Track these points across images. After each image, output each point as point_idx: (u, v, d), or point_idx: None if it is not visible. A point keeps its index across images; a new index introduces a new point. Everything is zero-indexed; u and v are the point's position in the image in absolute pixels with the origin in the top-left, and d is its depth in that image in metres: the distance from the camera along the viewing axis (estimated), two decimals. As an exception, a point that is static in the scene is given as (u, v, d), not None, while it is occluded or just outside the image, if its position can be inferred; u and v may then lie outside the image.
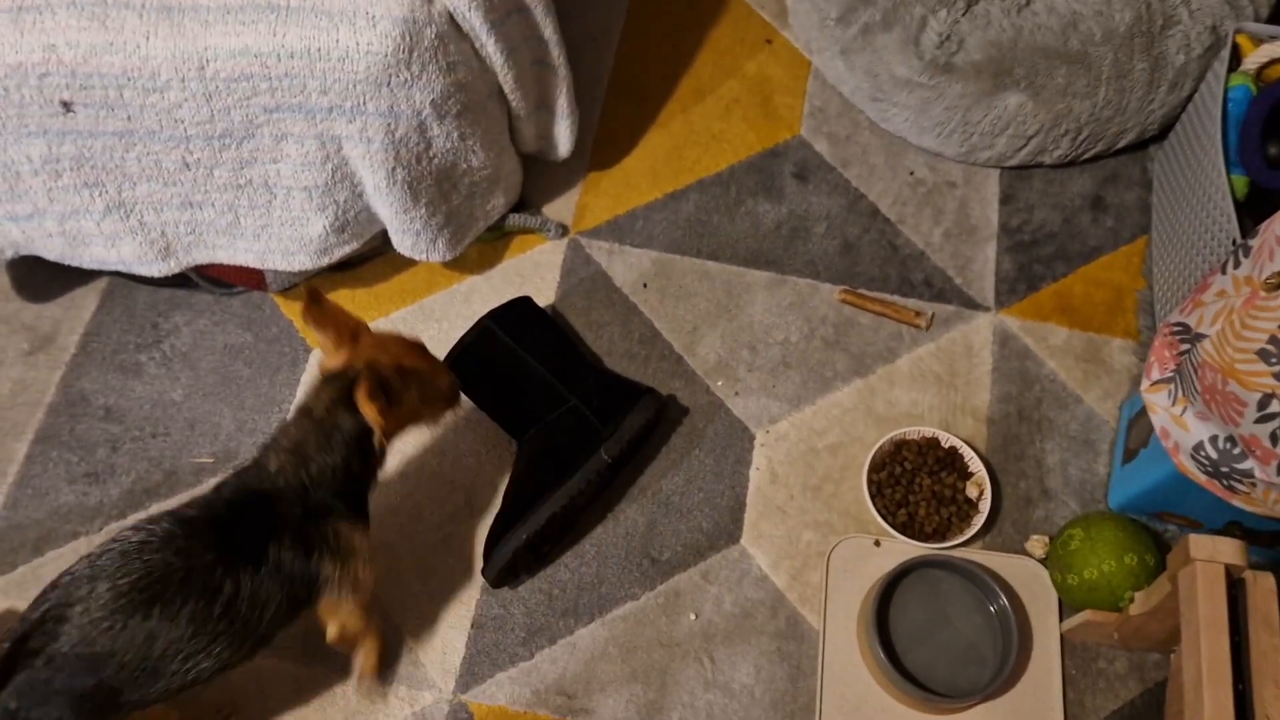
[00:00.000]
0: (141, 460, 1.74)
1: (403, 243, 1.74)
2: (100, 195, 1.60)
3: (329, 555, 1.30)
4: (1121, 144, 1.99)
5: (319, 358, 1.41)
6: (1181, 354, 1.43)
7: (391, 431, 1.36)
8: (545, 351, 1.71)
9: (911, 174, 2.06)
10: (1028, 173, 2.05)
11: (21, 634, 1.18)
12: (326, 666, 1.59)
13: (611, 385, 1.70)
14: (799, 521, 1.72)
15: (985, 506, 1.69)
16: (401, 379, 1.31)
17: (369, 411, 1.24)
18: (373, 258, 1.91)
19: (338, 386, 1.29)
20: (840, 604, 1.65)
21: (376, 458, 1.36)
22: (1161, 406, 1.46)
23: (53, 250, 1.70)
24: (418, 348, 1.41)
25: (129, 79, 1.44)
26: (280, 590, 1.27)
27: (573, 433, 1.64)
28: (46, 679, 1.16)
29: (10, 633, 1.19)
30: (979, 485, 1.71)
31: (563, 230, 1.97)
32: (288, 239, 1.69)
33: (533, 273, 1.93)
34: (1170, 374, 1.45)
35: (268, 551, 1.26)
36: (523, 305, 1.76)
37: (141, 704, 1.22)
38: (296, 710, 1.56)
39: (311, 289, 1.33)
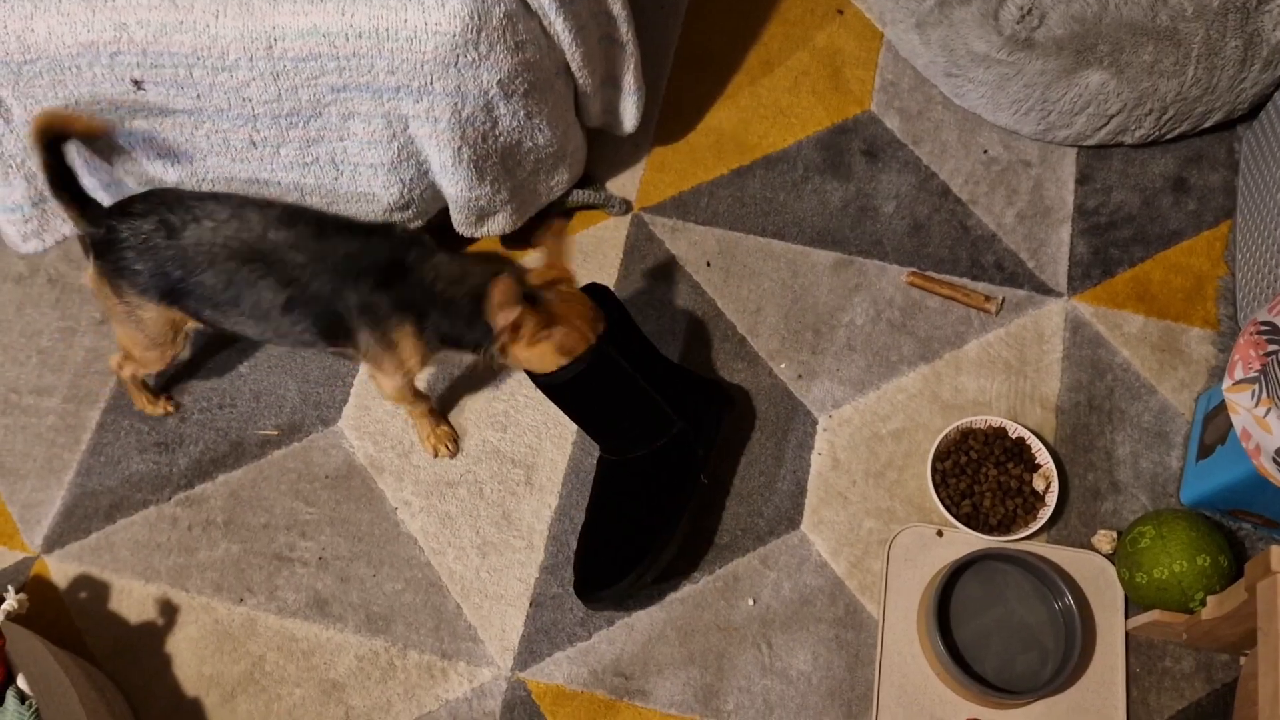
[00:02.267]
0: (209, 431, 1.77)
1: (462, 220, 1.73)
2: (171, 169, 1.61)
3: (370, 331, 1.48)
4: (1208, 124, 1.92)
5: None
6: (1268, 354, 1.38)
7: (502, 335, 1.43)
8: (647, 365, 1.58)
9: (985, 152, 2.00)
10: (1107, 152, 1.98)
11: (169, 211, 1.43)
12: (387, 639, 1.62)
13: (690, 385, 1.63)
14: (860, 508, 1.71)
15: (1052, 500, 1.66)
16: (537, 320, 1.40)
17: (496, 299, 1.34)
18: (430, 231, 1.90)
19: (504, 271, 1.39)
20: (900, 593, 1.64)
21: (481, 339, 1.46)
22: (1244, 407, 1.41)
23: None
24: (591, 324, 1.47)
25: (198, 58, 1.44)
26: (326, 321, 1.47)
27: (681, 458, 1.60)
28: (160, 246, 1.42)
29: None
30: (1046, 478, 1.68)
31: (626, 206, 1.95)
32: (353, 215, 1.69)
33: (595, 249, 1.92)
34: (1255, 374, 1.40)
35: (347, 292, 1.45)
36: (615, 310, 1.57)
37: (196, 312, 1.50)
38: (359, 684, 1.59)
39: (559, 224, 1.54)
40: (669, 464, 1.59)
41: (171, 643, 1.62)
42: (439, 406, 1.77)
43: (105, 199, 1.61)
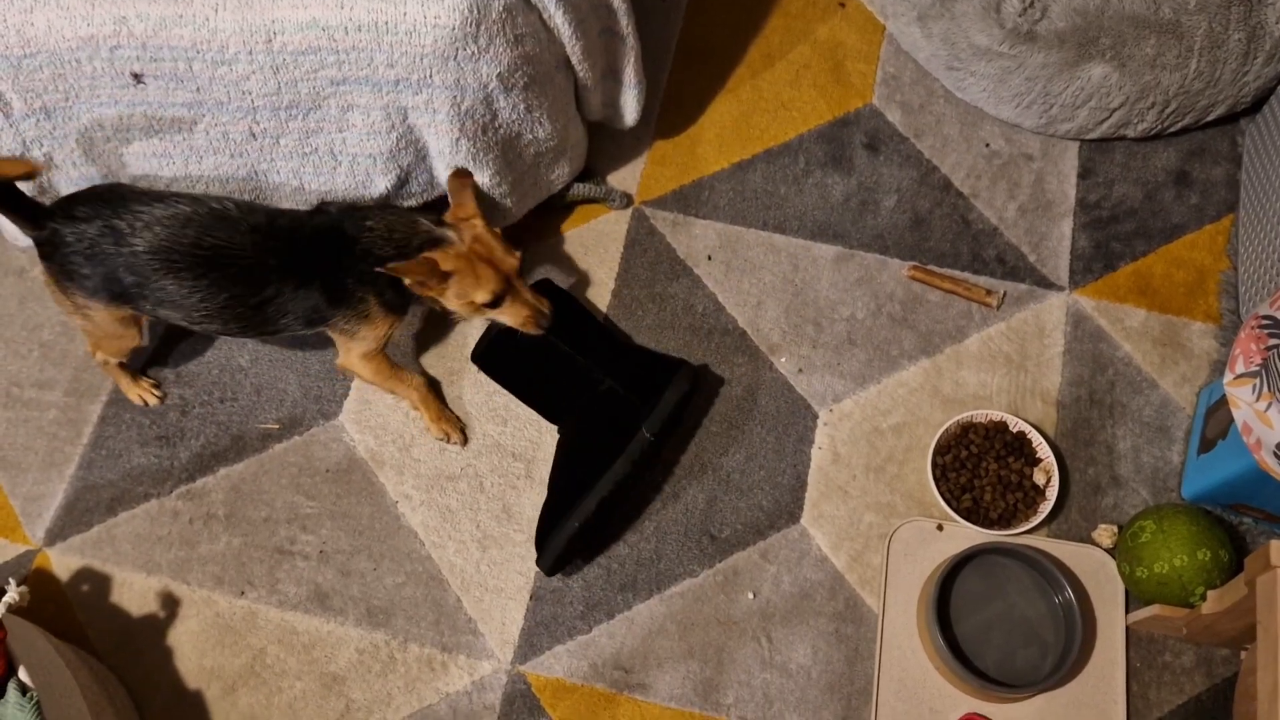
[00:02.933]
0: (210, 424, 1.77)
1: (464, 213, 1.73)
2: (168, 164, 1.61)
3: (347, 310, 1.55)
4: (1211, 117, 1.91)
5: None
6: (1270, 349, 1.37)
7: (425, 295, 1.54)
8: (574, 333, 1.69)
9: (987, 146, 1.99)
10: (1109, 146, 1.98)
11: (114, 215, 1.45)
12: (387, 633, 1.62)
13: (645, 361, 1.69)
14: (861, 503, 1.70)
15: (1052, 494, 1.66)
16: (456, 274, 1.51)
17: (410, 274, 1.47)
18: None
19: (435, 227, 1.53)
20: (900, 588, 1.64)
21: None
22: (1245, 401, 1.41)
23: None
24: (508, 266, 1.55)
25: (198, 51, 1.44)
26: (303, 311, 1.54)
27: (612, 414, 1.63)
28: (110, 253, 1.45)
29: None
30: (1046, 472, 1.67)
31: (627, 200, 1.94)
32: (353, 198, 1.68)
33: (595, 243, 1.92)
34: (1256, 368, 1.39)
35: (315, 279, 1.51)
36: (559, 296, 1.74)
37: (151, 312, 1.54)
38: (359, 677, 1.60)
39: (464, 171, 1.59)
40: (598, 421, 1.64)
41: (173, 635, 1.63)
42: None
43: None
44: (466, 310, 1.55)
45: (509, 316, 1.57)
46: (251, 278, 1.49)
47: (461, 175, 1.58)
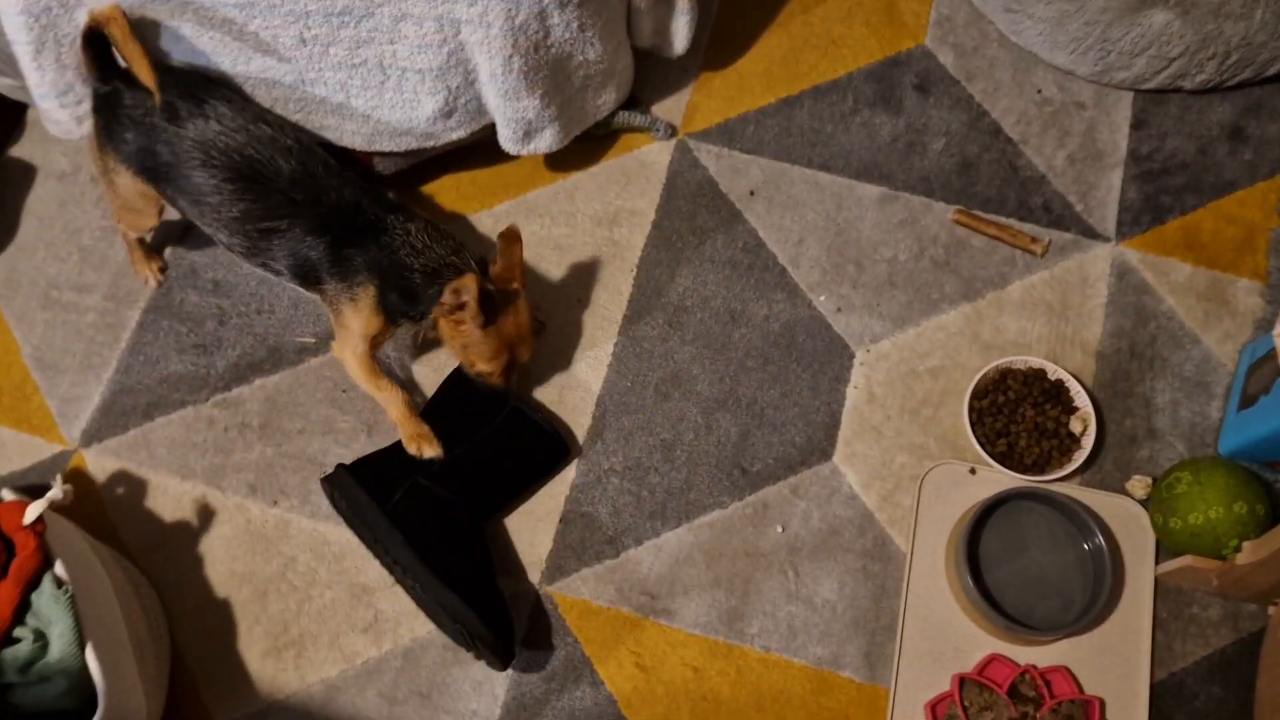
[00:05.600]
0: (247, 335, 1.77)
1: (509, 136, 1.71)
2: (214, 61, 1.59)
3: (340, 282, 1.52)
4: (1271, 71, 1.87)
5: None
6: (1324, 300, 1.35)
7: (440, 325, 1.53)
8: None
9: (1039, 92, 1.96)
10: (1164, 97, 1.94)
11: (178, 95, 1.49)
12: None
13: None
14: (894, 443, 1.70)
15: (1088, 443, 1.65)
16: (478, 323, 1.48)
17: (448, 301, 1.45)
18: (476, 149, 1.89)
19: (468, 265, 1.51)
20: (930, 529, 1.64)
21: (425, 311, 1.52)
22: (1294, 354, 1.39)
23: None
24: (521, 355, 1.58)
25: (251, -48, 1.42)
26: (303, 259, 1.52)
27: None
28: (158, 128, 1.49)
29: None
30: (1083, 420, 1.66)
31: (671, 131, 1.92)
32: (397, 121, 1.67)
33: (637, 173, 1.90)
34: (1308, 320, 1.38)
35: (328, 234, 1.50)
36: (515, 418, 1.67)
37: (170, 198, 1.56)
38: (388, 588, 1.61)
39: (515, 230, 1.53)
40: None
41: (205, 541, 1.64)
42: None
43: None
44: (462, 361, 1.57)
45: (486, 374, 1.57)
46: (271, 202, 1.49)
47: (511, 234, 1.52)
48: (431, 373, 1.75)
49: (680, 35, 1.81)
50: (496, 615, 1.51)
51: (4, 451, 1.70)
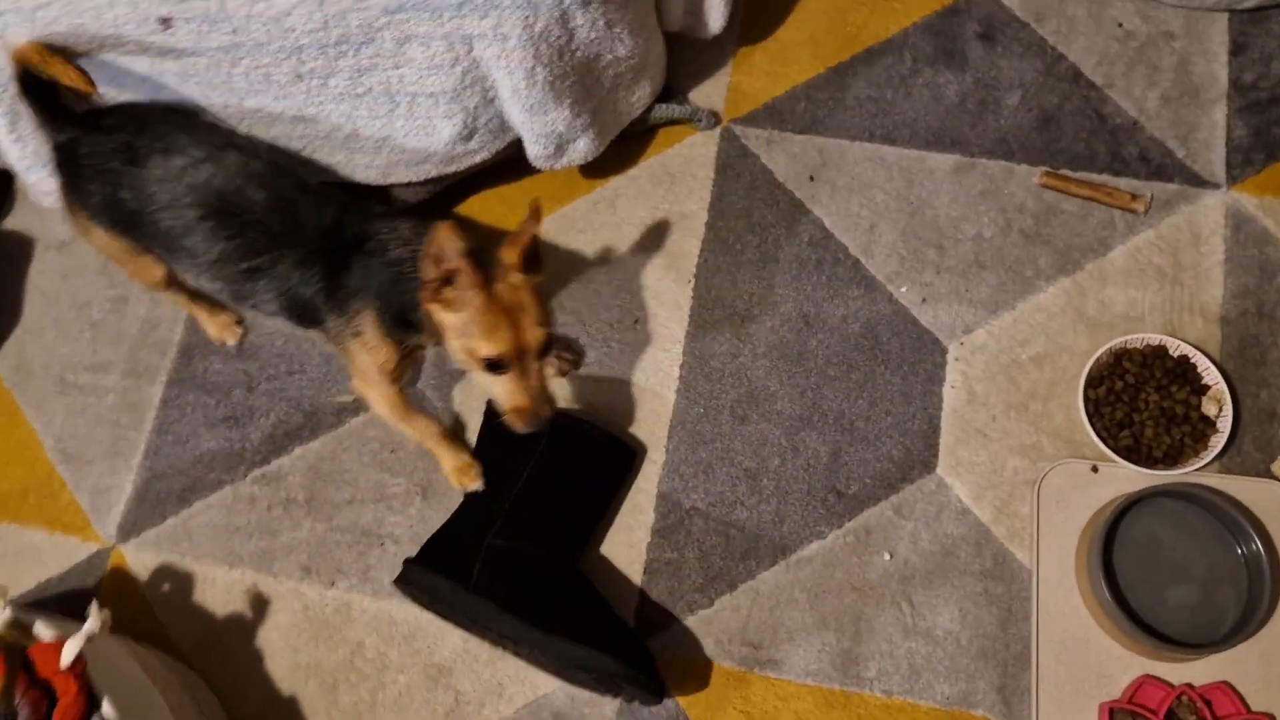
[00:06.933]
0: (280, 401, 1.63)
1: (539, 152, 1.54)
2: (208, 107, 1.43)
3: (339, 318, 1.33)
4: (1388, -26, 1.65)
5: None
6: None
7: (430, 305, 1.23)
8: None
9: (1120, 26, 1.75)
10: (1264, 16, 1.73)
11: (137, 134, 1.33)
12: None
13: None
14: (1003, 446, 1.53)
15: (1225, 425, 1.47)
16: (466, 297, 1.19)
17: (431, 246, 1.15)
18: (503, 164, 1.72)
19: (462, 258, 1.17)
20: (1054, 539, 1.47)
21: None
22: None
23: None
24: (530, 336, 1.22)
25: (231, -14, 1.25)
26: (295, 298, 1.33)
27: None
28: (118, 172, 1.33)
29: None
30: (1217, 400, 1.48)
31: (714, 119, 1.74)
32: (412, 149, 1.50)
33: (682, 170, 1.73)
34: None
35: (317, 264, 1.30)
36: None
37: (148, 247, 1.41)
38: (467, 666, 1.47)
39: (537, 208, 1.22)
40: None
41: (262, 634, 1.52)
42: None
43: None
44: (463, 357, 1.23)
45: (504, 393, 1.24)
46: (248, 237, 1.31)
47: (533, 212, 1.22)
48: (473, 413, 1.59)
49: (716, 11, 1.63)
50: (630, 649, 1.37)
51: (39, 557, 1.58)
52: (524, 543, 1.43)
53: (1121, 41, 1.74)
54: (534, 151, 1.54)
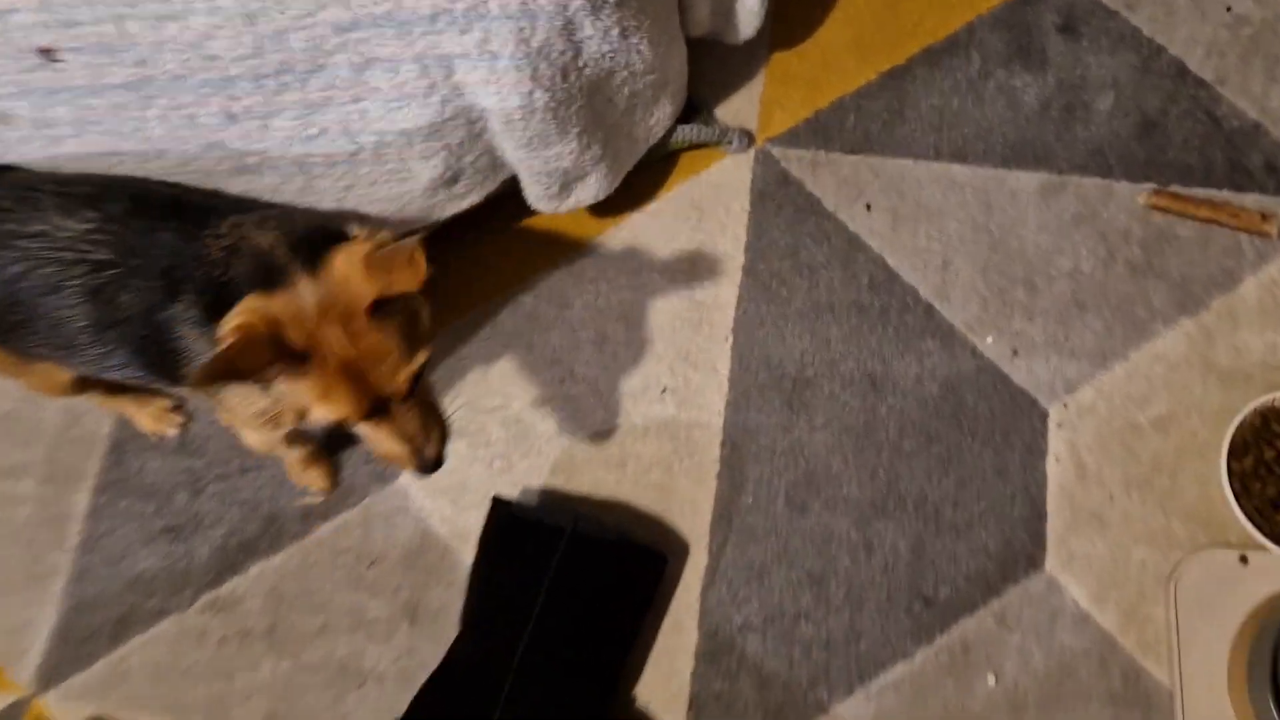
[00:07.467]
0: (232, 505, 1.38)
1: (540, 193, 1.29)
2: (118, 167, 1.14)
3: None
4: None
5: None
6: None
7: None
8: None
9: (1229, 10, 1.54)
10: (1402, -10, 1.47)
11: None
12: None
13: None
14: (1125, 533, 1.28)
15: (1407, 500, 1.19)
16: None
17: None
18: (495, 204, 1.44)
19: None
20: (1199, 649, 1.23)
21: None
22: None
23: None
24: (392, 386, 0.94)
25: (130, 6, 0.96)
26: (141, 347, 1.03)
27: None
28: None
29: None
30: (1393, 469, 1.21)
31: (747, 139, 1.52)
32: (382, 199, 1.22)
33: (712, 201, 1.49)
34: None
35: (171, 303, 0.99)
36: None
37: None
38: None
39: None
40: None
41: (222, 807, 1.24)
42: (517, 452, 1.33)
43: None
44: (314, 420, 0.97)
45: (377, 442, 0.99)
46: (97, 285, 1.01)
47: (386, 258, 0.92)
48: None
49: (748, 14, 1.34)
50: None
51: (-61, 715, 1.30)
52: (549, 682, 1.18)
53: (1232, 29, 1.52)
54: (533, 192, 1.28)
